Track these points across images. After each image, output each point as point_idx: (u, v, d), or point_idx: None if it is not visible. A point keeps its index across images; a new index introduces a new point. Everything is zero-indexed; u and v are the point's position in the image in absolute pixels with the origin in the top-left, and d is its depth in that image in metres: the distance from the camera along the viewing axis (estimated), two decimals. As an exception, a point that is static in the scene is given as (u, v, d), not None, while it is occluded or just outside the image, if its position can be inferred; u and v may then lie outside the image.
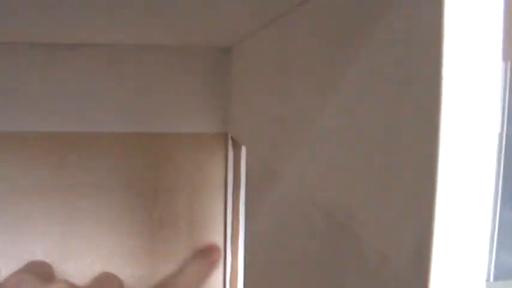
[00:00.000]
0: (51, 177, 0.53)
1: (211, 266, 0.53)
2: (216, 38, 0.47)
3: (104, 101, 0.53)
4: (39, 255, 0.53)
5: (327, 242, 0.20)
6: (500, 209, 0.64)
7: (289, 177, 0.27)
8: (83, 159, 0.53)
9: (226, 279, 0.54)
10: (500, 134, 0.60)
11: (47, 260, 0.53)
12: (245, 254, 0.42)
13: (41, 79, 0.52)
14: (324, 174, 0.21)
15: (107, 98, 0.53)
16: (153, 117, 0.54)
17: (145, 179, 0.54)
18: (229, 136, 0.54)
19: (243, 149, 0.53)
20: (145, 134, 0.54)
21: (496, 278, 0.66)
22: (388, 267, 0.15)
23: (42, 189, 0.53)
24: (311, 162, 0.23)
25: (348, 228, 0.18)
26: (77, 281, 0.53)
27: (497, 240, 0.66)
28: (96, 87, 0.53)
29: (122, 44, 0.52)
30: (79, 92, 0.52)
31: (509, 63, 0.66)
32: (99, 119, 0.53)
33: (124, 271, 0.54)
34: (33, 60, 0.51)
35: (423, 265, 0.14)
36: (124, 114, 0.53)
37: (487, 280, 0.66)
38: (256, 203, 0.37)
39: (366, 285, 0.16)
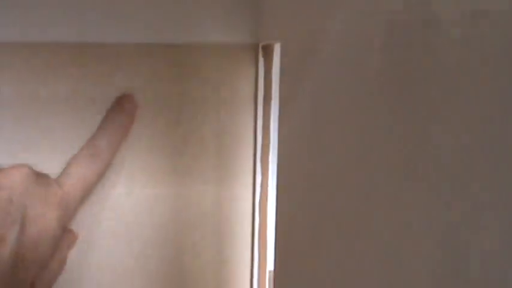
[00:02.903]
0: (71, 90, 0.50)
1: (128, 116, 0.49)
2: None
3: (126, 10, 0.49)
4: (58, 171, 0.50)
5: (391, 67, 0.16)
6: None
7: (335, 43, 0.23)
8: (105, 71, 0.50)
9: (256, 200, 0.51)
10: None
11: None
12: (279, 163, 0.39)
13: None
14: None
15: (129, 7, 0.49)
16: (178, 27, 0.50)
17: (169, 92, 0.51)
18: (260, 46, 0.50)
19: (275, 59, 0.49)
20: (171, 45, 0.50)
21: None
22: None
23: (62, 103, 0.50)
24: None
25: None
26: (98, 198, 0.51)
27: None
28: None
29: None
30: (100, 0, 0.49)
31: None
32: (121, 28, 0.49)
33: (146, 190, 0.51)
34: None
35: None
36: (147, 24, 0.50)
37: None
38: (294, 99, 0.34)
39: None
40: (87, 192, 0.44)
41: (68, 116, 0.50)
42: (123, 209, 0.51)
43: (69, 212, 0.42)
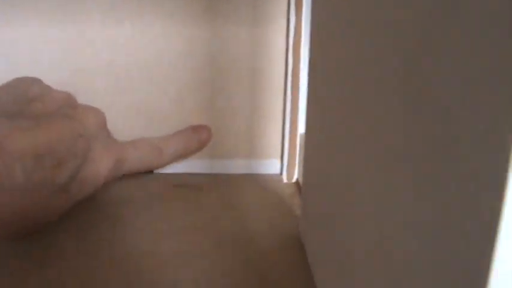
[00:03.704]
0: None
1: (199, 141, 0.53)
2: None
3: None
4: (96, 15, 0.51)
5: None
6: None
7: None
8: None
9: (290, 44, 0.51)
10: None
11: (105, 20, 0.51)
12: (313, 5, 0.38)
13: None
14: None
15: None
16: None
17: None
18: None
19: None
20: None
21: None
22: None
23: None
24: None
25: None
26: (136, 41, 0.52)
27: None
28: None
29: None
30: None
31: None
32: None
33: (183, 32, 0.51)
34: None
35: None
36: None
37: None
38: None
39: None
40: (133, 171, 0.47)
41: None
42: (160, 51, 0.52)
43: (116, 173, 0.45)
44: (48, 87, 0.44)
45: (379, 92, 0.21)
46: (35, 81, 0.43)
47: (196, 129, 0.53)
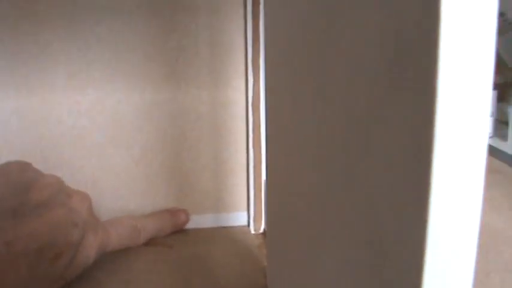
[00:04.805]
0: (68, 3, 0.51)
1: (176, 225, 0.56)
2: None
3: None
4: (60, 84, 0.52)
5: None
6: None
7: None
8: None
9: (249, 103, 0.53)
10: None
11: (68, 89, 0.53)
12: (266, 72, 0.41)
13: None
14: None
15: None
16: None
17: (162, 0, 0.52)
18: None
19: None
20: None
21: None
22: None
23: (59, 16, 0.51)
24: None
25: None
26: (99, 106, 0.53)
27: None
28: None
29: None
30: None
31: None
32: None
33: (144, 96, 0.53)
34: None
35: None
36: None
37: None
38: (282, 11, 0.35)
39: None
40: (113, 250, 0.49)
41: (66, 29, 0.51)
42: (123, 115, 0.54)
43: (100, 254, 0.46)
44: (38, 172, 0.44)
45: (325, 146, 0.23)
46: (26, 166, 0.44)
47: (174, 213, 0.55)
